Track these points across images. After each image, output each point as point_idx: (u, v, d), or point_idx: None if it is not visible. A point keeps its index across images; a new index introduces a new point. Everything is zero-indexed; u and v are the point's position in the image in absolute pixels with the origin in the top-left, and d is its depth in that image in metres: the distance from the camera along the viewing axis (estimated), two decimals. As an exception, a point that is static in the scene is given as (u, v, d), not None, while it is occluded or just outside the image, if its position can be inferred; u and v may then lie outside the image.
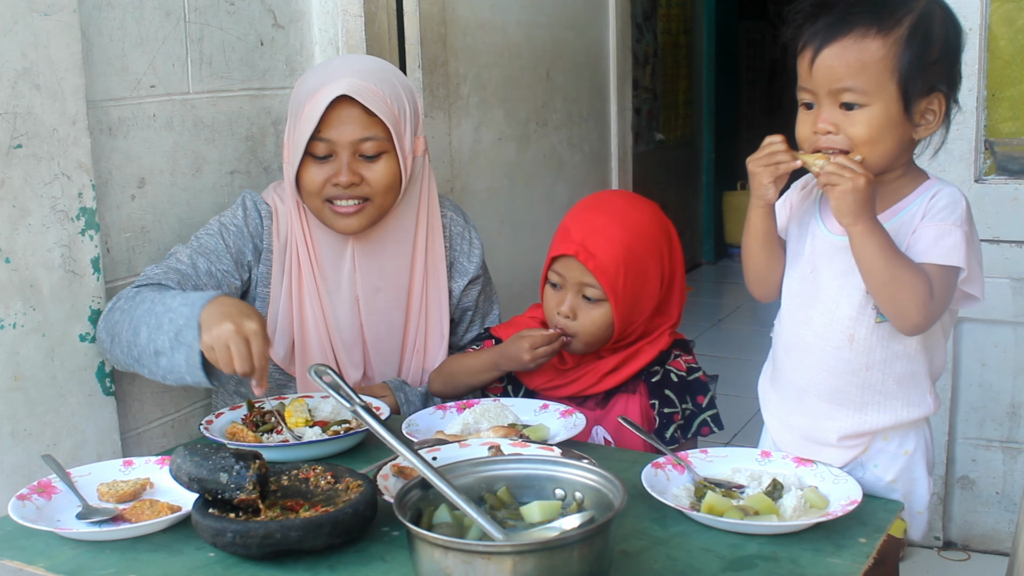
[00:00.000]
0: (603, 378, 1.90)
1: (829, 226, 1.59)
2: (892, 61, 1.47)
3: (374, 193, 1.94)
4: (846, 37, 1.48)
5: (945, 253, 1.49)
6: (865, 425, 1.59)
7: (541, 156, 3.51)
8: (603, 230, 1.86)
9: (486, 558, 1.12)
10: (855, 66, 1.47)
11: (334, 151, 1.92)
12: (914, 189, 1.56)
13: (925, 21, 1.48)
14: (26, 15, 1.77)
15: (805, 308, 1.59)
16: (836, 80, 1.48)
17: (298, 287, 2.01)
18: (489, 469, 1.35)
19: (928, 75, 1.49)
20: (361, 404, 1.43)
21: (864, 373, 1.57)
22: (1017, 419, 2.66)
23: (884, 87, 1.47)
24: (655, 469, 1.50)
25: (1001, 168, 2.61)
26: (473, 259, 2.15)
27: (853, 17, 1.48)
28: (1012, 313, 2.60)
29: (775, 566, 1.28)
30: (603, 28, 3.90)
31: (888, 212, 1.55)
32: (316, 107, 1.88)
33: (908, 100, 1.48)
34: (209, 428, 1.72)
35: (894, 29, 1.47)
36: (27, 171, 1.79)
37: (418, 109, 2.02)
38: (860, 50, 1.47)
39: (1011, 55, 2.57)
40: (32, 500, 1.48)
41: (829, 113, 1.50)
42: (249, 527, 1.29)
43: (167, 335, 1.71)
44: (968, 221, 1.52)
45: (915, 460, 1.63)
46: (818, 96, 1.51)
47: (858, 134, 1.49)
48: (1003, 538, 2.71)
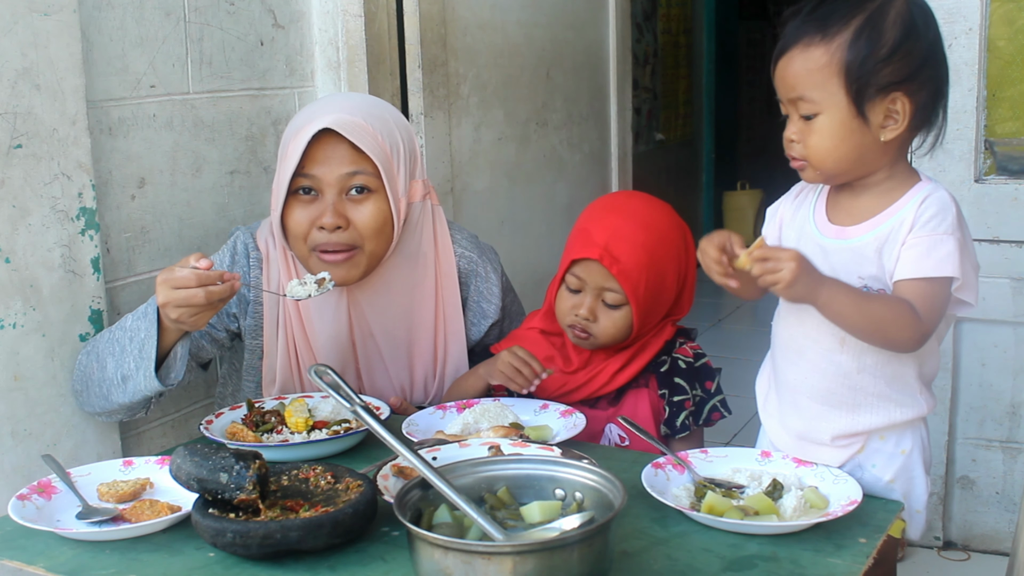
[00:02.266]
0: (613, 377, 1.89)
1: (821, 227, 1.59)
2: (835, 66, 1.46)
3: (361, 238, 1.83)
4: (795, 47, 1.49)
5: (937, 264, 1.47)
6: (858, 426, 1.58)
7: (541, 156, 3.51)
8: (627, 235, 1.82)
9: (486, 558, 1.12)
10: (801, 75, 1.48)
11: (319, 189, 1.82)
12: (904, 192, 1.53)
13: (874, 20, 1.46)
14: (26, 15, 1.77)
15: (798, 310, 1.58)
16: (789, 90, 1.50)
17: (292, 339, 1.94)
18: (489, 469, 1.35)
19: (878, 75, 1.46)
20: (361, 404, 1.43)
21: (856, 376, 1.56)
22: (1017, 419, 2.66)
23: (833, 93, 1.47)
24: (655, 469, 1.50)
25: (1001, 168, 2.61)
26: (493, 299, 2.05)
27: (804, 27, 1.49)
28: (1012, 313, 2.59)
29: (775, 566, 1.28)
30: (603, 28, 3.90)
31: (878, 217, 1.53)
32: (299, 142, 1.80)
33: (860, 103, 1.47)
34: (209, 428, 1.72)
35: (839, 33, 1.46)
36: (27, 171, 1.79)
37: (415, 151, 1.92)
38: (805, 59, 1.48)
39: (1011, 55, 2.57)
40: (32, 500, 1.48)
41: (794, 123, 1.52)
42: (249, 527, 1.29)
43: (132, 356, 1.73)
44: (960, 227, 1.50)
45: (913, 459, 1.62)
46: (785, 106, 1.54)
47: (813, 143, 1.50)
48: (1003, 538, 2.71)
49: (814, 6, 1.50)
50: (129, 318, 1.78)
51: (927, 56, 1.50)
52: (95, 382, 1.80)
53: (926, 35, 1.50)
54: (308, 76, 2.50)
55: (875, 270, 1.51)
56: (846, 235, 1.55)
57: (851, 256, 1.53)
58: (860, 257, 1.52)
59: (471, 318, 2.06)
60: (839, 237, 1.56)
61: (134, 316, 1.77)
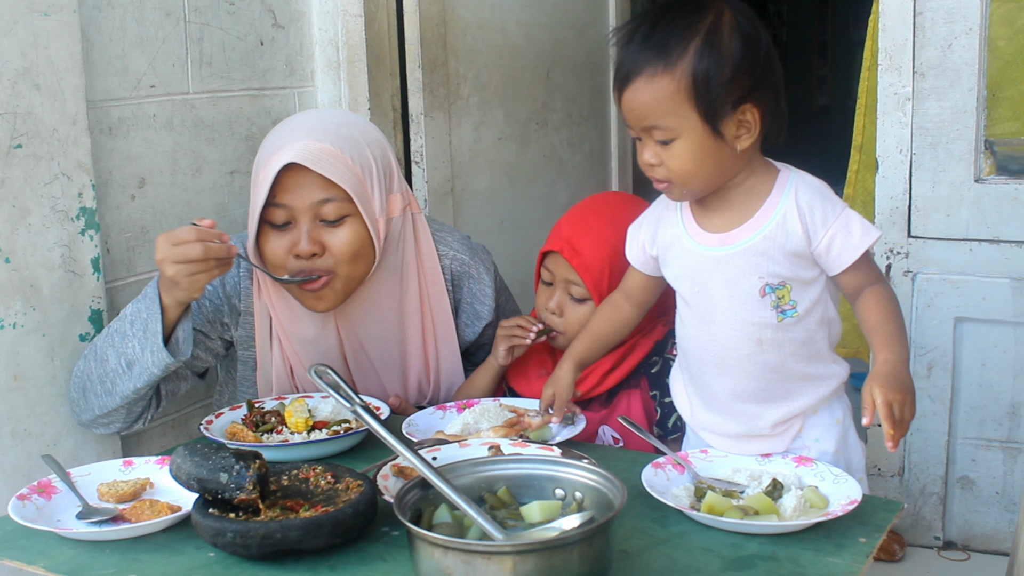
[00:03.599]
0: (604, 378, 1.89)
1: (699, 238, 1.59)
2: (684, 92, 1.46)
3: (337, 264, 1.80)
4: (638, 78, 1.48)
5: (863, 237, 1.52)
6: (794, 410, 1.62)
7: (541, 156, 3.51)
8: (591, 229, 1.87)
9: (486, 558, 1.12)
10: (651, 105, 1.47)
11: (292, 217, 1.78)
12: (771, 186, 1.55)
13: (712, 39, 1.46)
14: (26, 15, 1.77)
15: (705, 325, 1.60)
16: (641, 120, 1.50)
17: (282, 351, 1.93)
18: (489, 469, 1.35)
19: (727, 93, 1.46)
20: (361, 404, 1.43)
21: (781, 368, 1.59)
22: (1017, 419, 2.66)
23: (686, 118, 1.47)
24: (655, 469, 1.50)
25: (1001, 168, 2.61)
26: (486, 300, 2.05)
27: (643, 55, 1.47)
28: (1012, 313, 2.59)
29: (775, 566, 1.28)
30: (603, 28, 3.90)
31: (757, 216, 1.54)
32: (268, 174, 1.76)
33: (714, 124, 1.48)
34: (209, 428, 1.72)
35: (680, 59, 1.45)
36: (27, 171, 1.79)
37: (391, 165, 1.89)
38: (652, 89, 1.47)
39: (1011, 55, 2.57)
40: (32, 500, 1.48)
41: (650, 147, 1.52)
42: (249, 527, 1.29)
43: (135, 339, 1.73)
44: (837, 198, 1.56)
45: (847, 426, 1.66)
46: (636, 131, 1.53)
47: (675, 167, 1.51)
48: (1003, 538, 2.71)
49: (647, 32, 1.49)
50: (128, 307, 1.78)
51: (765, 61, 1.50)
52: (95, 381, 1.79)
53: (759, 41, 1.50)
54: (308, 76, 2.50)
55: (778, 268, 1.54)
56: (731, 240, 1.56)
57: (746, 259, 1.55)
58: (756, 258, 1.54)
59: (464, 320, 2.06)
60: (724, 244, 1.56)
61: (133, 303, 1.77)
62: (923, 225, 2.64)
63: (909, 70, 2.58)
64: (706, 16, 1.47)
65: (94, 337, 1.91)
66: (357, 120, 1.92)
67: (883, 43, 2.60)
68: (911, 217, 2.64)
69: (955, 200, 2.60)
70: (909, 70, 2.58)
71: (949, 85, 2.56)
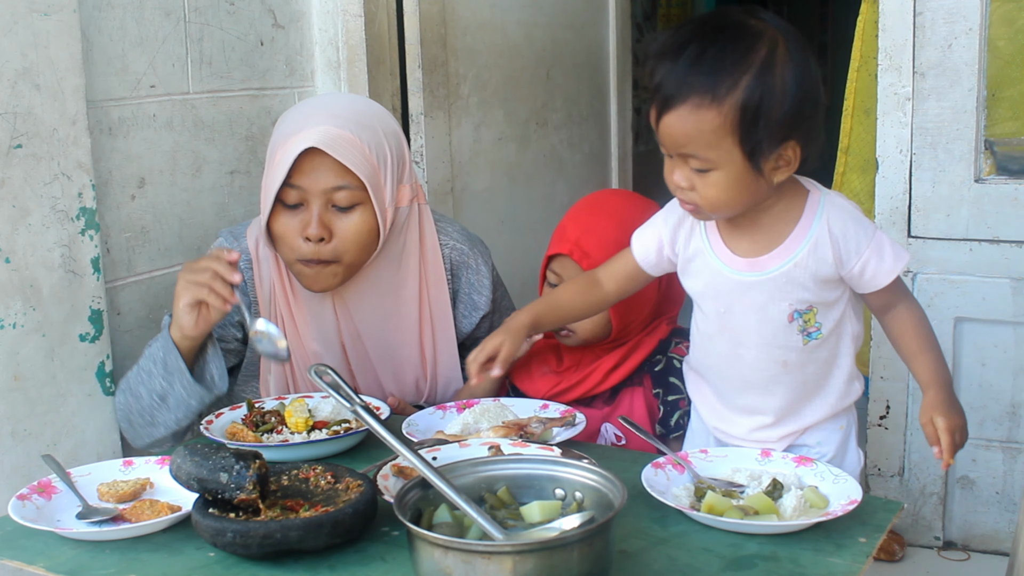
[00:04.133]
0: (607, 375, 1.89)
1: (728, 261, 1.57)
2: (730, 128, 1.41)
3: (342, 252, 1.83)
4: (683, 105, 1.42)
5: (895, 261, 1.52)
6: (804, 424, 1.64)
7: (541, 156, 3.51)
8: (598, 230, 1.86)
9: (486, 558, 1.12)
10: (693, 135, 1.42)
11: (305, 199, 1.81)
12: (802, 209, 1.53)
13: (763, 76, 1.40)
14: (26, 15, 1.77)
15: (732, 345, 1.60)
16: (679, 146, 1.45)
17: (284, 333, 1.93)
18: (489, 469, 1.35)
19: (774, 134, 1.42)
20: (361, 404, 1.43)
21: (802, 388, 1.61)
22: (1017, 419, 2.66)
23: (728, 152, 1.43)
24: (655, 469, 1.50)
25: (1001, 168, 2.61)
26: (484, 291, 2.06)
27: (690, 81, 1.41)
28: (1012, 313, 2.59)
29: (775, 566, 1.28)
30: (603, 28, 3.90)
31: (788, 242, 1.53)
32: (287, 155, 1.79)
33: (756, 161, 1.43)
34: (209, 428, 1.72)
35: (730, 93, 1.40)
36: (27, 171, 1.79)
37: (404, 156, 1.91)
38: (697, 120, 1.41)
39: (1011, 55, 2.57)
40: (32, 500, 1.48)
41: (682, 171, 1.48)
42: (249, 527, 1.29)
43: (159, 376, 1.77)
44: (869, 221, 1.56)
45: (849, 434, 1.68)
46: (670, 152, 1.49)
47: (709, 195, 1.47)
48: (1003, 538, 2.71)
49: (696, 56, 1.41)
50: (151, 347, 1.82)
51: (814, 97, 1.46)
52: (136, 414, 1.84)
53: (810, 75, 1.45)
54: (308, 76, 2.50)
55: (807, 294, 1.54)
56: (761, 267, 1.54)
57: (775, 287, 1.54)
58: (787, 285, 1.54)
59: (462, 311, 2.06)
60: (754, 270, 1.55)
61: (153, 341, 1.82)
62: (923, 225, 2.64)
63: (909, 70, 2.58)
64: (760, 47, 1.41)
65: (95, 337, 1.92)
66: (375, 109, 1.93)
67: (883, 43, 2.60)
68: (911, 217, 2.64)
69: (955, 200, 2.60)
70: (909, 70, 2.58)
71: (949, 85, 2.55)
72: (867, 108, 2.96)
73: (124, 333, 2.07)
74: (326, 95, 2.08)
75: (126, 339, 2.07)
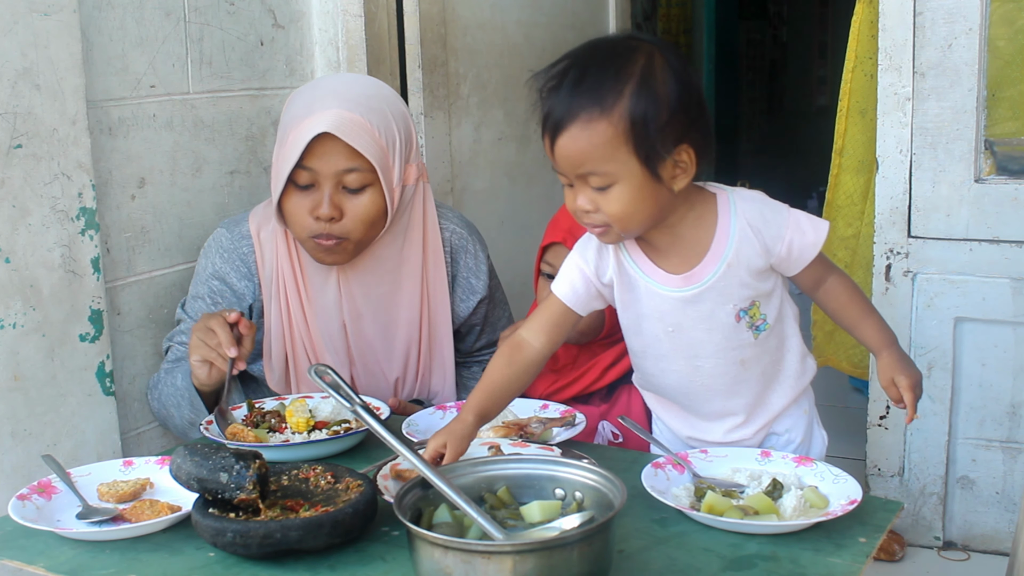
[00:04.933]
0: (604, 373, 1.90)
1: (661, 280, 1.57)
2: (623, 137, 1.42)
3: (351, 231, 1.88)
4: (573, 124, 1.43)
5: (815, 233, 1.55)
6: (773, 413, 1.66)
7: (541, 156, 3.49)
8: None
9: (486, 558, 1.12)
10: (588, 151, 1.43)
11: (316, 181, 1.86)
12: (716, 213, 1.55)
13: (646, 83, 1.42)
14: (26, 15, 1.77)
15: (688, 358, 1.60)
16: (577, 166, 1.45)
17: (287, 311, 1.98)
18: (489, 469, 1.35)
19: (665, 137, 1.44)
20: (361, 404, 1.43)
21: (763, 379, 1.63)
22: (1017, 419, 2.66)
23: (624, 163, 1.43)
24: (655, 469, 1.50)
25: (1001, 168, 2.61)
26: (481, 276, 2.09)
27: (576, 101, 1.43)
28: (1012, 313, 2.59)
29: (775, 566, 1.28)
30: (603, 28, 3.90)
31: (713, 249, 1.53)
32: (299, 138, 1.83)
33: (653, 167, 1.44)
34: (209, 428, 1.72)
35: (616, 103, 1.41)
36: (27, 171, 1.79)
37: (411, 136, 1.95)
38: (589, 134, 1.42)
39: (1011, 55, 2.57)
40: (32, 500, 1.48)
41: (585, 193, 1.48)
42: (249, 527, 1.29)
43: (186, 408, 1.93)
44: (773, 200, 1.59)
45: (812, 417, 1.72)
46: (569, 178, 1.49)
47: (614, 211, 1.47)
48: (1003, 538, 2.71)
49: (577, 78, 1.43)
50: (179, 377, 1.95)
51: (698, 101, 1.49)
52: (172, 425, 2.00)
53: (691, 81, 1.48)
54: (308, 76, 2.50)
55: (746, 290, 1.56)
56: (695, 279, 1.55)
57: (715, 294, 1.55)
58: (725, 289, 1.54)
59: (460, 295, 2.09)
60: (688, 284, 1.55)
61: (183, 375, 1.94)
62: (923, 225, 2.64)
63: (909, 70, 2.58)
64: (637, 59, 1.44)
65: (95, 337, 1.92)
66: (384, 91, 1.97)
67: (883, 43, 2.60)
68: (911, 217, 2.64)
69: (955, 200, 2.60)
70: (909, 70, 2.58)
71: (949, 85, 2.55)
72: (862, 109, 2.96)
73: (124, 333, 2.07)
74: (335, 77, 2.11)
75: (126, 339, 2.07)
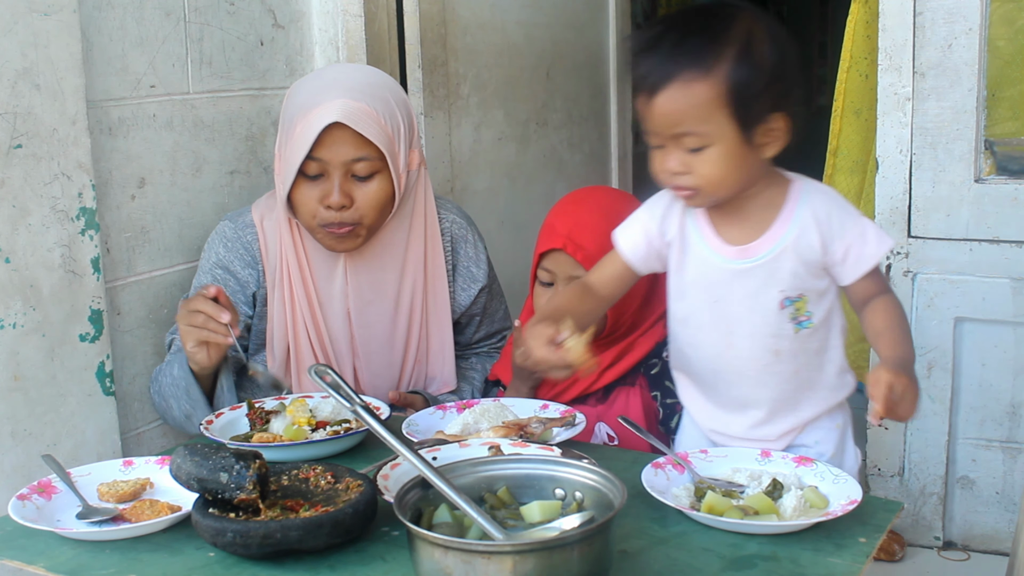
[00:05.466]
0: (602, 374, 1.90)
1: (718, 249, 1.58)
2: (722, 99, 1.45)
3: (363, 216, 1.91)
4: (673, 83, 1.45)
5: (877, 247, 1.54)
6: (801, 420, 1.64)
7: (541, 156, 3.51)
8: (589, 222, 1.88)
9: (486, 558, 1.12)
10: (687, 111, 1.45)
11: (326, 171, 1.88)
12: (786, 196, 1.56)
13: (747, 47, 1.46)
14: (26, 15, 1.77)
15: (724, 334, 1.60)
16: (673, 126, 1.48)
17: (291, 300, 2.00)
18: (489, 469, 1.35)
19: (762, 101, 1.47)
20: (361, 404, 1.43)
21: (795, 378, 1.61)
22: (1017, 419, 2.66)
23: (721, 125, 1.46)
24: (655, 469, 1.50)
25: (1001, 168, 2.61)
26: (481, 265, 2.13)
27: (677, 59, 1.45)
28: (1012, 313, 2.59)
29: (775, 566, 1.28)
30: (603, 28, 3.90)
31: (774, 228, 1.55)
32: (309, 129, 1.85)
33: (747, 131, 1.47)
34: (209, 428, 1.72)
35: (717, 65, 1.44)
36: (27, 171, 1.79)
37: (413, 122, 1.99)
38: (688, 95, 1.45)
39: (1011, 55, 2.57)
40: (32, 500, 1.48)
41: (676, 155, 1.50)
42: (249, 527, 1.29)
43: (184, 400, 1.91)
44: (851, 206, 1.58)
45: (846, 432, 1.69)
46: (662, 139, 1.51)
47: (706, 173, 1.49)
48: (1003, 538, 2.71)
49: (678, 39, 1.47)
50: (176, 367, 1.93)
51: (795, 71, 1.51)
52: (170, 418, 1.99)
53: (790, 49, 1.50)
54: (308, 76, 2.50)
55: (797, 280, 1.55)
56: (749, 254, 1.56)
57: (765, 273, 1.56)
58: (776, 271, 1.55)
59: (461, 283, 2.12)
60: (742, 257, 1.56)
61: (179, 365, 1.92)
62: (923, 225, 2.64)
63: (909, 70, 2.58)
64: (739, 24, 1.47)
65: (95, 337, 1.92)
66: (384, 79, 1.99)
67: (883, 43, 2.60)
68: (911, 217, 2.64)
69: (955, 200, 2.60)
70: (909, 70, 2.58)
71: (949, 85, 2.55)
72: (856, 109, 2.96)
73: (124, 333, 2.07)
74: (335, 67, 2.11)
75: (126, 339, 2.07)
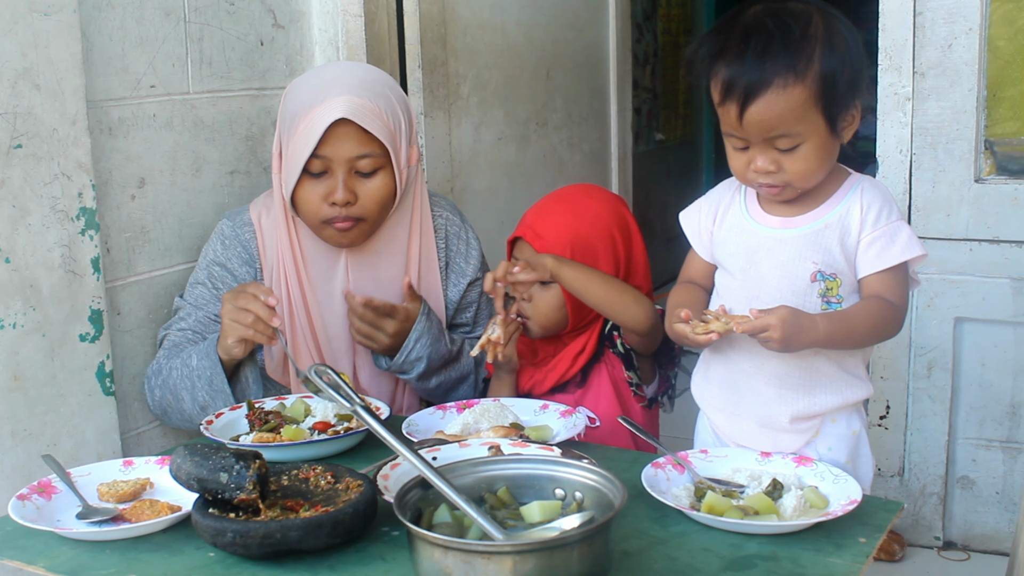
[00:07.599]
0: (575, 359, 1.97)
1: (761, 220, 1.63)
2: (815, 99, 1.50)
3: (367, 212, 1.93)
4: (768, 91, 1.49)
5: (902, 251, 1.55)
6: (814, 407, 1.63)
7: (541, 156, 3.51)
8: (552, 214, 1.94)
9: (486, 558, 1.12)
10: (784, 115, 1.50)
11: (329, 168, 1.89)
12: (840, 184, 1.60)
13: (830, 45, 1.51)
14: (26, 15, 1.77)
15: (748, 300, 1.61)
16: (769, 130, 1.51)
17: (287, 298, 2.00)
18: (489, 469, 1.35)
19: (847, 93, 1.53)
20: (361, 404, 1.43)
21: (812, 358, 1.61)
22: (1017, 419, 2.66)
23: (813, 122, 1.51)
24: (655, 469, 1.50)
25: (1001, 168, 2.61)
26: (471, 259, 2.14)
27: (768, 67, 1.49)
28: (1012, 313, 2.59)
29: (775, 566, 1.28)
30: (603, 28, 3.91)
31: (823, 206, 1.59)
32: (313, 127, 1.86)
33: (834, 123, 1.53)
34: (209, 428, 1.72)
35: (809, 67, 1.49)
36: (27, 171, 1.79)
37: (412, 118, 2.00)
38: (785, 99, 1.49)
39: (1011, 55, 2.57)
40: (32, 500, 1.48)
41: (768, 155, 1.54)
42: (249, 527, 1.29)
43: (203, 390, 1.89)
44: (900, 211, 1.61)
45: (861, 439, 1.68)
46: (754, 142, 1.54)
47: (799, 169, 1.53)
48: (1003, 538, 2.71)
49: (764, 45, 1.50)
50: (194, 358, 1.90)
51: (864, 55, 1.57)
52: (175, 412, 1.96)
53: (856, 36, 1.55)
54: (308, 76, 2.50)
55: (832, 258, 1.57)
56: (793, 224, 1.60)
57: (804, 242, 1.58)
58: (814, 243, 1.58)
59: (453, 280, 2.13)
60: (786, 227, 1.60)
61: (198, 355, 1.90)
62: (923, 225, 2.64)
63: (909, 70, 2.58)
64: (816, 22, 1.51)
65: (95, 337, 1.91)
66: (382, 76, 2.01)
67: (883, 43, 2.60)
68: (911, 217, 2.64)
69: (955, 200, 2.60)
70: (909, 70, 2.58)
71: (949, 85, 2.56)
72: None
73: (124, 333, 2.07)
74: (334, 66, 2.12)
75: (126, 339, 2.07)
